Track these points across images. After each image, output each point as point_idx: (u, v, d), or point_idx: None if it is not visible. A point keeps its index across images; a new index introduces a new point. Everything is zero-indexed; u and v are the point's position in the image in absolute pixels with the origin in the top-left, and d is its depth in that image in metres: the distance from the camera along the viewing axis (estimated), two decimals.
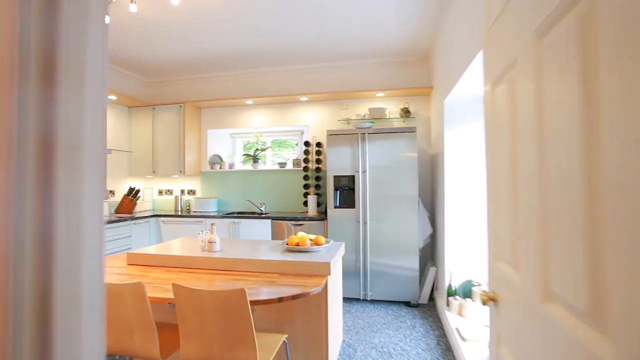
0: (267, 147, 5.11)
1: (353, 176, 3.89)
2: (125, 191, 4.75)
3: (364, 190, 3.85)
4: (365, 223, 3.85)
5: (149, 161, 4.79)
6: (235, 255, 2.28)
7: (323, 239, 2.47)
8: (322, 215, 4.15)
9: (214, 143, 5.15)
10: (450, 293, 3.23)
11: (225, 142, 5.30)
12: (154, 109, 4.79)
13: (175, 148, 4.68)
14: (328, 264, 2.08)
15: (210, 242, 2.43)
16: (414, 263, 3.72)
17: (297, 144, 5.13)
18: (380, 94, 4.31)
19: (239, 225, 4.23)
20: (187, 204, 4.97)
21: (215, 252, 2.42)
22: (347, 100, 4.57)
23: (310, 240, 2.56)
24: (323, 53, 4.24)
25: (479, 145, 3.26)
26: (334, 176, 3.93)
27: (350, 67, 4.55)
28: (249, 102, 4.67)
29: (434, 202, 4.12)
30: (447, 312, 3.11)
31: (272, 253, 2.37)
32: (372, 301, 3.87)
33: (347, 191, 3.92)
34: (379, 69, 4.47)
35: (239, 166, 5.21)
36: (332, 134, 3.95)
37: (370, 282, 3.83)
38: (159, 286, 1.90)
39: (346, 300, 3.89)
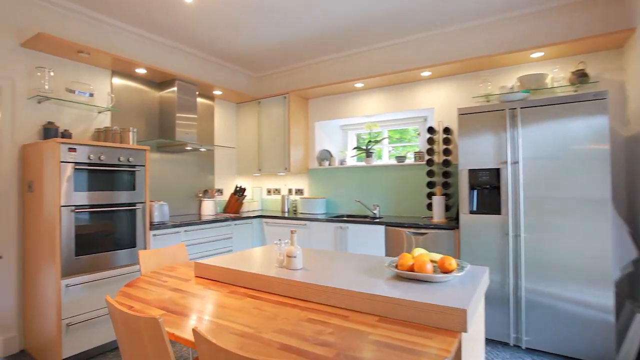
0: (383, 138, 4.30)
1: (497, 170, 2.77)
2: (233, 190, 4.60)
3: (515, 190, 2.70)
4: (517, 235, 2.69)
5: (254, 158, 4.54)
6: (320, 279, 1.57)
7: (454, 262, 1.56)
8: (452, 222, 3.13)
9: (323, 137, 4.61)
10: None
11: (335, 136, 4.71)
12: (259, 102, 4.52)
13: (281, 143, 4.30)
14: (463, 312, 1.18)
15: (289, 256, 1.78)
16: (606, 299, 2.40)
17: (418, 134, 4.18)
18: (537, 54, 3.04)
19: (346, 231, 3.55)
20: (294, 205, 4.55)
21: (296, 269, 1.76)
22: (484, 71, 3.43)
23: (434, 262, 1.67)
24: (450, 13, 3.23)
25: None
26: (469, 170, 2.89)
27: (489, 25, 3.39)
28: (359, 84, 3.96)
29: (634, 210, 2.67)
30: None
31: (373, 279, 1.57)
32: (530, 351, 2.67)
33: (488, 191, 2.83)
34: (535, 19, 3.20)
35: (350, 162, 4.56)
36: (465, 113, 2.91)
37: (525, 320, 2.65)
38: (197, 317, 1.32)
39: (486, 343, 2.79)
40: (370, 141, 4.19)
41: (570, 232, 2.51)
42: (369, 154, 4.16)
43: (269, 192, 4.92)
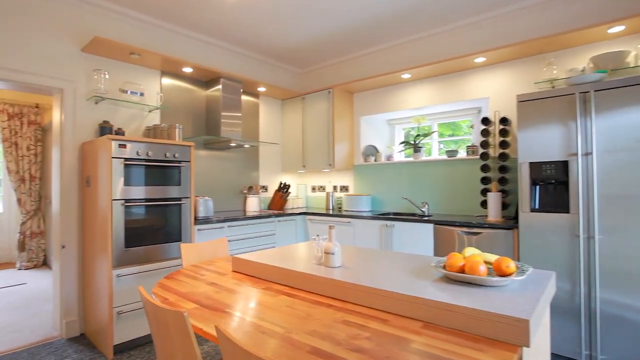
0: (433, 132, 4.04)
1: (565, 163, 2.45)
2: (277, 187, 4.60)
3: (587, 185, 2.36)
4: (590, 238, 2.35)
5: (298, 155, 4.50)
6: (358, 278, 1.45)
7: (512, 265, 1.35)
8: (510, 221, 2.83)
9: (369, 132, 4.45)
10: None
11: (382, 131, 4.53)
12: (303, 98, 4.47)
13: (325, 139, 4.21)
14: (525, 323, 1.00)
15: (327, 252, 1.68)
16: None
17: (471, 127, 3.87)
18: (617, 28, 2.65)
19: (392, 230, 3.37)
20: (339, 202, 4.44)
21: (334, 267, 1.66)
22: (548, 53, 3.07)
23: (488, 264, 1.47)
24: None
25: None
26: (531, 164, 2.59)
27: (553, 0, 3.03)
28: (406, 75, 3.75)
29: None
30: None
31: (418, 280, 1.42)
32: None
33: (553, 186, 2.51)
34: None
35: (397, 158, 4.36)
36: (526, 100, 2.61)
37: (600, 335, 2.31)
38: (228, 313, 1.26)
39: (555, 358, 2.48)
40: (418, 135, 3.96)
41: None
42: (417, 148, 3.93)
43: (313, 189, 4.86)
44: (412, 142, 3.98)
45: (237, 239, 3.40)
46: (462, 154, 3.76)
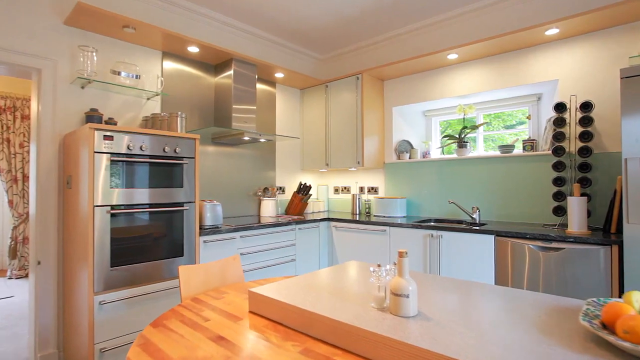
0: (482, 124, 3.41)
1: None
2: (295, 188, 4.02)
3: None
4: None
5: (321, 152, 3.91)
6: (457, 343, 0.86)
7: None
8: (603, 234, 2.20)
9: (402, 125, 3.84)
10: None
11: (417, 123, 3.92)
12: (327, 86, 3.88)
13: (352, 133, 3.62)
14: None
15: (396, 294, 1.09)
16: None
17: (528, 117, 3.24)
18: None
19: (439, 241, 2.76)
20: (367, 206, 3.84)
21: (407, 317, 1.06)
22: None
23: None
24: None
25: None
26: None
27: None
28: (452, 56, 3.13)
29: None
30: None
31: (558, 348, 0.82)
32: None
33: None
34: None
35: (435, 154, 3.75)
36: (635, 75, 1.97)
37: None
38: None
39: None
40: (465, 127, 3.33)
41: None
42: (462, 144, 3.31)
43: (336, 190, 4.26)
44: (457, 137, 3.36)
45: (251, 252, 2.82)
46: (518, 148, 3.13)
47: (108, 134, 2.05)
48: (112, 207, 2.05)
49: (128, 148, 2.13)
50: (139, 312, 2.16)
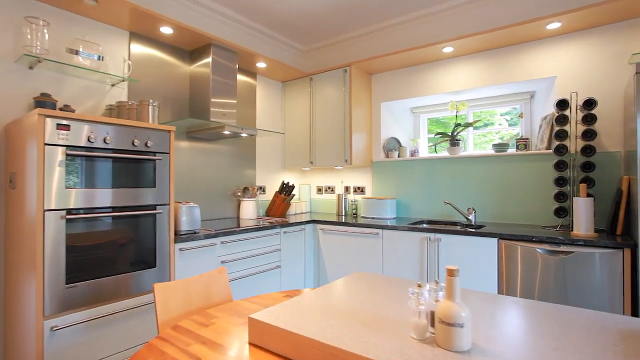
0: (475, 121, 3.29)
1: None
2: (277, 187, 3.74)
3: None
4: None
5: (305, 148, 3.65)
6: None
7: None
8: (608, 236, 2.10)
9: (390, 122, 3.66)
10: None
11: (405, 121, 3.75)
12: (311, 79, 3.62)
13: (339, 130, 3.39)
14: None
15: (447, 322, 0.86)
16: None
17: (520, 116, 3.15)
18: None
19: (436, 245, 2.59)
20: (354, 207, 3.63)
21: (462, 352, 0.84)
22: None
23: None
24: None
25: None
26: None
27: None
28: (447, 49, 2.98)
29: None
30: None
31: None
32: None
33: None
34: None
35: (423, 153, 3.60)
36: None
37: None
38: None
39: None
40: (458, 125, 3.20)
41: None
42: (455, 142, 3.17)
43: (319, 190, 4.02)
44: (450, 134, 3.22)
45: (234, 259, 2.52)
46: (512, 147, 3.03)
47: (63, 122, 1.69)
48: (68, 211, 1.70)
49: (89, 140, 1.78)
50: (103, 336, 1.82)
